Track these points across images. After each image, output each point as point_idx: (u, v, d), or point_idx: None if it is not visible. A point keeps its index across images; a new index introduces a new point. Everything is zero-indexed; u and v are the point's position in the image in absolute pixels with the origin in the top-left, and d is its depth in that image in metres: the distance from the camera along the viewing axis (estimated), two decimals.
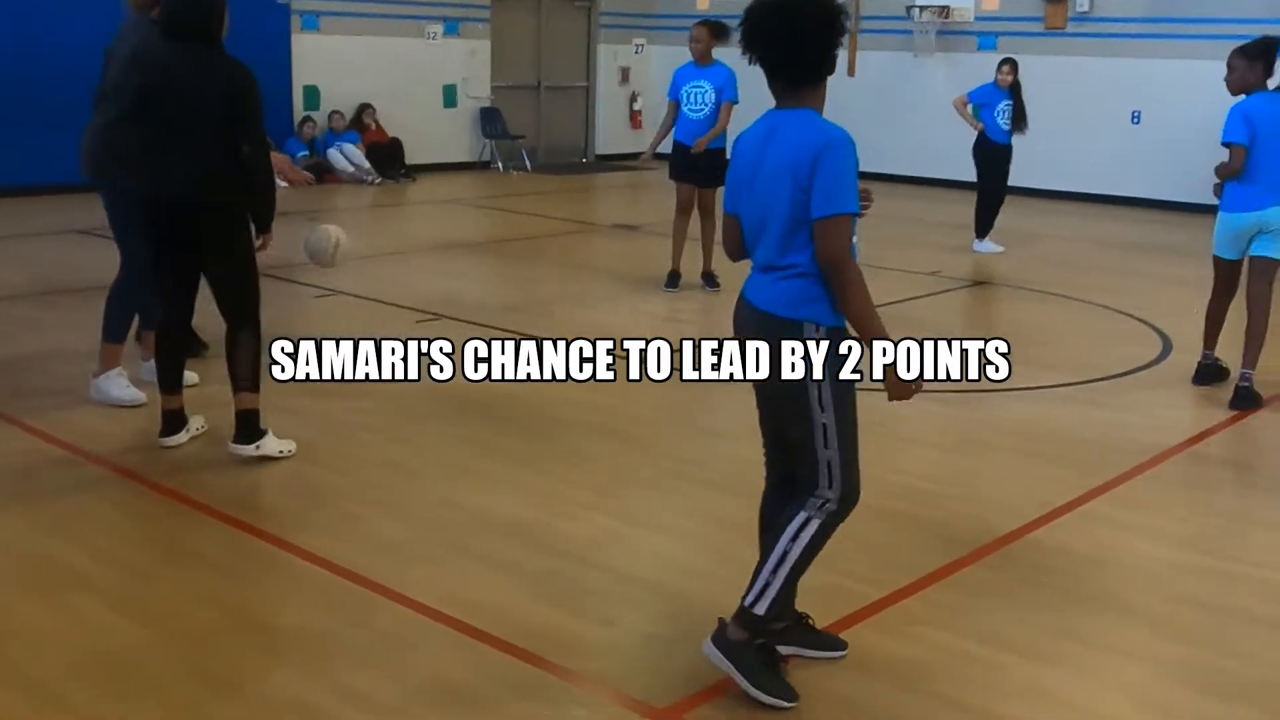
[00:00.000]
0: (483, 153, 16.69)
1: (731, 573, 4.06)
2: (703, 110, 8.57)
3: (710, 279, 8.90)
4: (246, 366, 5.06)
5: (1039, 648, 3.68)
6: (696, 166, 8.65)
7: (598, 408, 6.00)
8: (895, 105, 16.24)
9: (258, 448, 5.03)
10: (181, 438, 5.19)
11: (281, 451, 5.08)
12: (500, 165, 16.48)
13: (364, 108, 15.04)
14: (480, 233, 12.12)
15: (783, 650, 3.44)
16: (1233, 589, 4.14)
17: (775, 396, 3.26)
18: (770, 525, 3.42)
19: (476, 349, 6.98)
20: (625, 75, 18.59)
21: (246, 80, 4.89)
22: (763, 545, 3.41)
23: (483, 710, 3.25)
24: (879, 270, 9.78)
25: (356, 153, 14.65)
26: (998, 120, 10.76)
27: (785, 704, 3.23)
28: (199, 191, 4.88)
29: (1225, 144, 6.22)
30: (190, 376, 6.01)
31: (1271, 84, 6.28)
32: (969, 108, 10.93)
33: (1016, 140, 10.91)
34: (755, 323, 3.23)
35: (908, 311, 8.52)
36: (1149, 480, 5.16)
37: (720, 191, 8.63)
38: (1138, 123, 14.56)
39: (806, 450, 3.20)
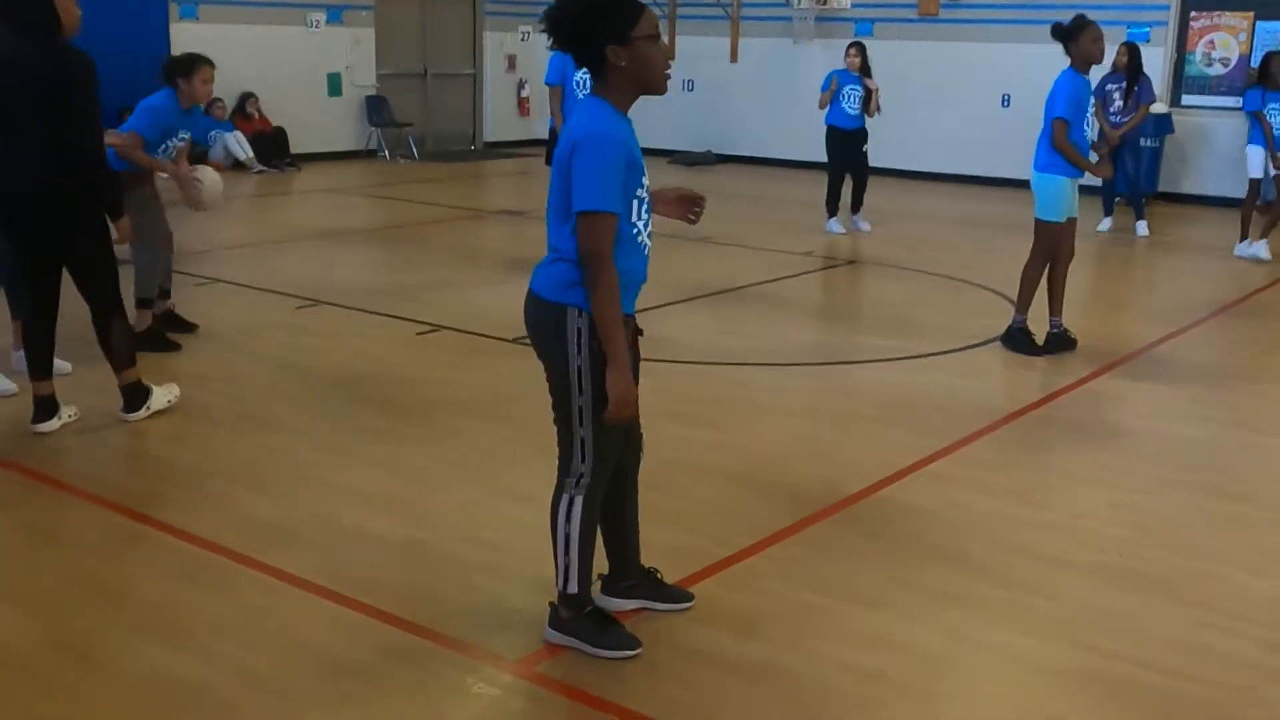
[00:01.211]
0: (369, 141, 16.67)
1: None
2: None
3: None
4: (122, 349, 5.32)
5: (874, 595, 3.94)
6: None
7: (463, 385, 6.16)
8: (776, 91, 16.57)
9: (148, 408, 5.38)
10: (53, 424, 5.26)
11: (169, 400, 5.46)
12: (387, 154, 16.48)
13: (246, 97, 14.94)
14: (366, 221, 12.17)
15: (630, 604, 3.66)
16: (1053, 538, 4.46)
17: (548, 376, 3.39)
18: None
19: (350, 332, 7.12)
20: (512, 63, 18.67)
21: (79, 66, 4.84)
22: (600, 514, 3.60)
23: (353, 674, 3.40)
24: (757, 251, 10.08)
25: (244, 141, 14.57)
26: (843, 104, 11.09)
27: (629, 652, 3.46)
28: (40, 183, 4.89)
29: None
30: (62, 365, 6.06)
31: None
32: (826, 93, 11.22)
33: (891, 123, 11.24)
34: (528, 303, 3.35)
35: (780, 290, 8.80)
36: (990, 441, 5.49)
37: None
38: (1007, 106, 15.06)
39: (563, 429, 3.40)
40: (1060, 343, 7.03)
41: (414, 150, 16.72)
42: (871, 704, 3.32)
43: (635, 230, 3.27)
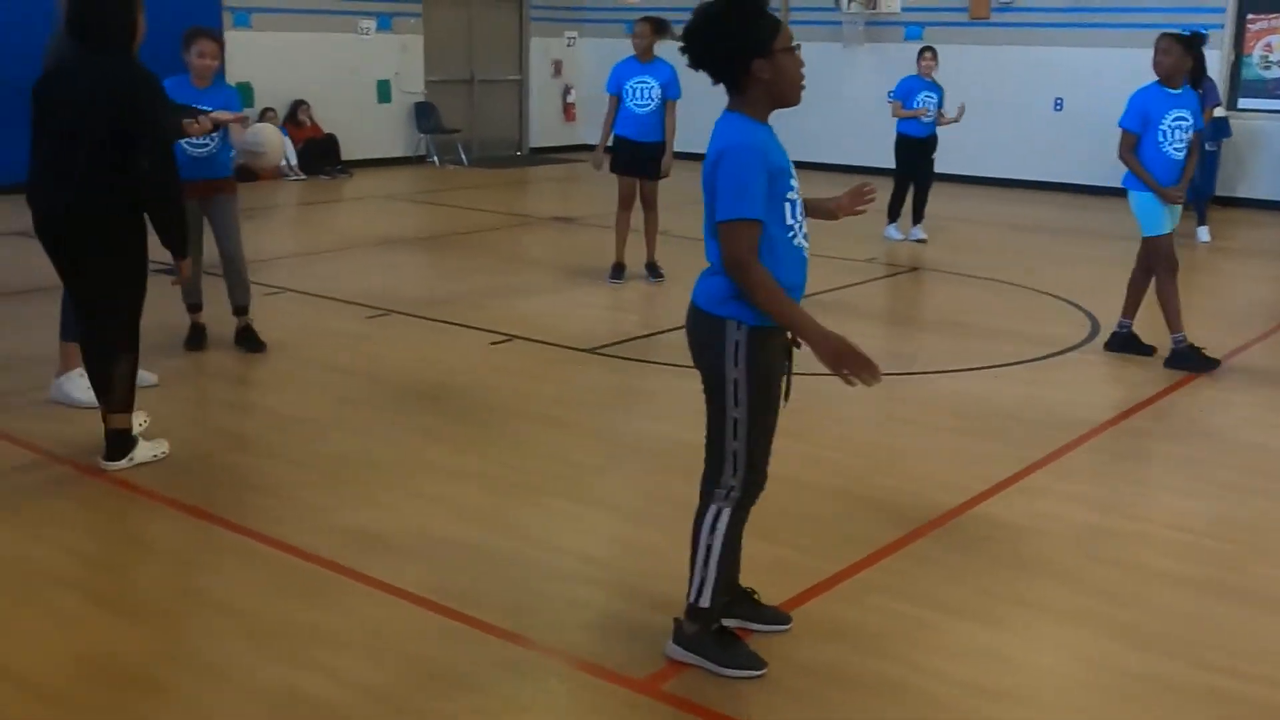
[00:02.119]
0: (418, 147, 16.72)
1: (685, 549, 4.27)
2: (648, 105, 8.74)
3: (654, 270, 9.08)
4: (120, 391, 4.94)
5: (980, 610, 3.91)
6: (639, 159, 8.81)
7: (541, 396, 6.15)
8: (824, 95, 16.49)
9: (131, 459, 4.97)
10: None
11: (155, 455, 5.03)
12: (436, 160, 16.54)
13: (298, 104, 15.01)
14: (421, 227, 12.20)
15: (727, 623, 3.62)
16: (1151, 550, 4.42)
17: (704, 387, 3.40)
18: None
19: (422, 341, 7.14)
20: (558, 68, 18.70)
21: (142, 87, 4.64)
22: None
23: (467, 687, 3.40)
24: (816, 258, 10.00)
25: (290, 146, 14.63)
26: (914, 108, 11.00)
27: (755, 673, 3.42)
28: (80, 205, 4.68)
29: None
30: (147, 377, 6.10)
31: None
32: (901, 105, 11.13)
33: (942, 128, 11.14)
34: (689, 314, 3.39)
35: (844, 298, 8.76)
36: (1081, 454, 5.43)
37: (662, 184, 8.92)
38: (1060, 110, 14.96)
39: (715, 441, 3.38)
40: (1125, 344, 7.01)
41: (462, 156, 16.76)
42: None
43: (790, 233, 3.28)
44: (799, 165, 3.57)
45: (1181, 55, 6.57)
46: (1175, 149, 6.60)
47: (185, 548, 4.29)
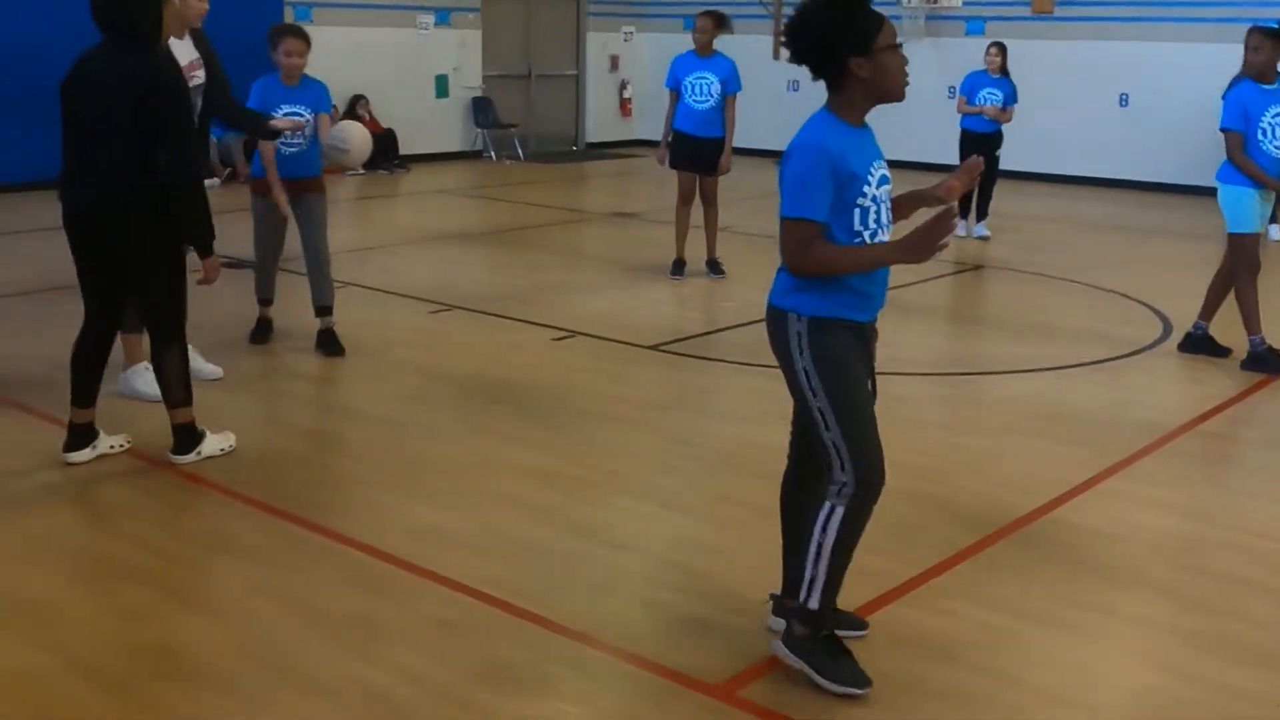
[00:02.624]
0: (475, 142, 16.75)
1: (756, 552, 4.22)
2: (708, 101, 8.67)
3: (715, 266, 9.01)
4: (174, 387, 4.92)
5: (1062, 619, 3.82)
6: (698, 155, 8.75)
7: (606, 393, 6.11)
8: None
9: (199, 453, 4.96)
10: (86, 454, 4.92)
11: (223, 449, 5.03)
12: (493, 154, 16.56)
13: (357, 99, 15.08)
14: (480, 223, 12.20)
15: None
16: (1240, 559, 4.29)
17: (786, 382, 3.39)
18: (788, 508, 3.57)
19: (485, 337, 7.12)
20: (614, 63, 18.66)
21: (160, 83, 4.55)
22: (783, 528, 3.57)
23: (535, 687, 3.36)
24: None
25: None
26: (978, 105, 10.84)
27: (858, 690, 3.31)
28: (102, 203, 4.64)
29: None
30: (214, 370, 6.13)
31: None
32: (965, 101, 10.97)
33: (1005, 124, 10.97)
34: (766, 309, 3.39)
35: (908, 295, 8.64)
36: (1160, 457, 5.31)
37: (723, 180, 8.86)
38: (1126, 106, 14.72)
39: (814, 436, 3.33)
40: (1199, 345, 6.86)
41: (519, 151, 16.77)
42: None
43: (859, 240, 3.21)
44: None
45: (1272, 50, 6.42)
46: (1276, 146, 6.43)
47: (255, 542, 4.28)
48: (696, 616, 3.81)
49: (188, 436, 4.97)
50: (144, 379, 5.79)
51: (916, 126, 16.06)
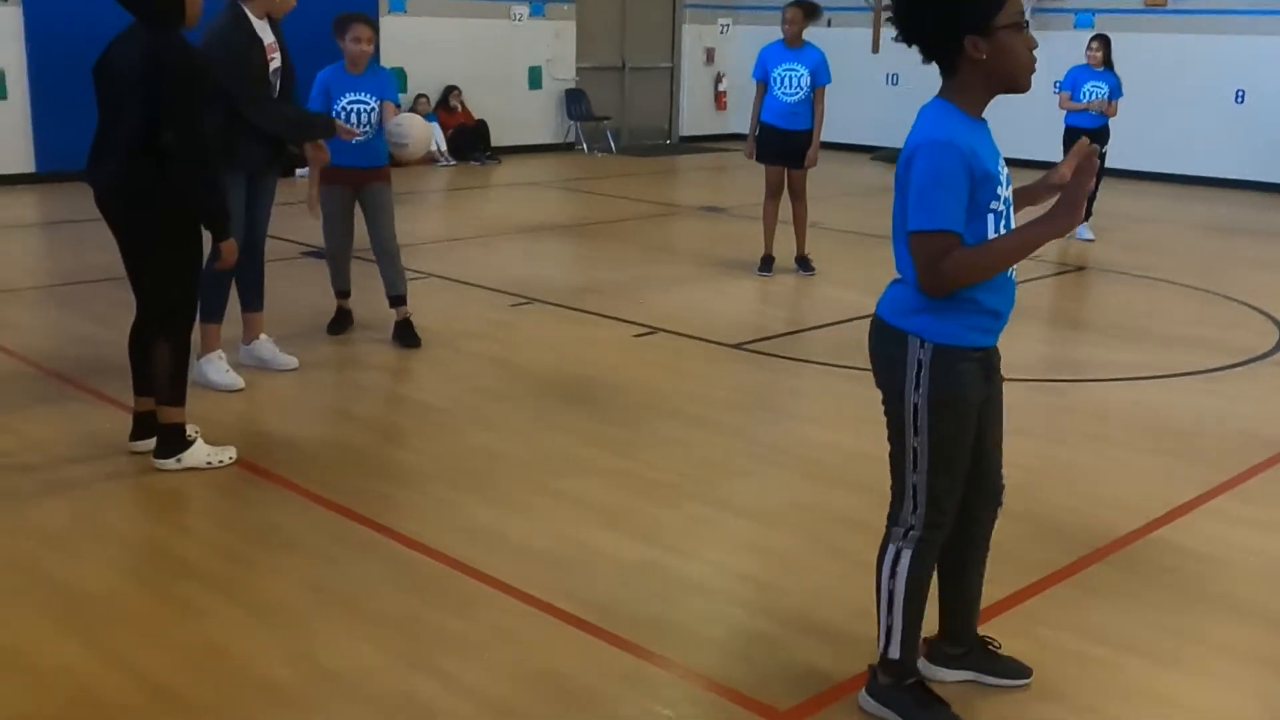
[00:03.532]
0: (567, 134, 16.64)
1: (833, 567, 4.00)
2: (797, 94, 8.41)
3: (804, 263, 8.76)
4: (164, 380, 4.67)
5: (1163, 650, 3.53)
6: (786, 148, 8.50)
7: (684, 392, 5.90)
8: None
9: (179, 460, 4.66)
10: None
11: (211, 462, 4.69)
12: (585, 147, 16.43)
13: (450, 90, 15.05)
14: (569, 215, 12.06)
15: (957, 676, 3.28)
16: None
17: (885, 408, 3.06)
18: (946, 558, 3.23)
19: (564, 332, 6.96)
20: (710, 56, 18.43)
21: (170, 61, 4.41)
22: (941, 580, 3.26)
23: (596, 705, 3.18)
24: None
25: (439, 132, 14.67)
26: (1082, 101, 10.42)
27: None
28: (109, 179, 4.54)
29: None
30: (289, 360, 6.06)
31: None
32: (1068, 96, 10.56)
33: (1113, 120, 10.53)
34: (873, 324, 3.04)
35: None
36: (1271, 476, 4.95)
37: (812, 173, 8.60)
38: (1241, 103, 14.10)
39: (895, 471, 3.03)
40: None
41: (611, 144, 16.62)
42: None
43: None
44: None
45: None
46: None
47: (314, 540, 4.15)
48: (764, 635, 3.59)
49: (170, 439, 4.69)
50: (217, 368, 5.72)
51: (1020, 121, 15.63)
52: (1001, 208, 2.84)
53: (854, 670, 3.35)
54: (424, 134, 6.41)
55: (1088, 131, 10.31)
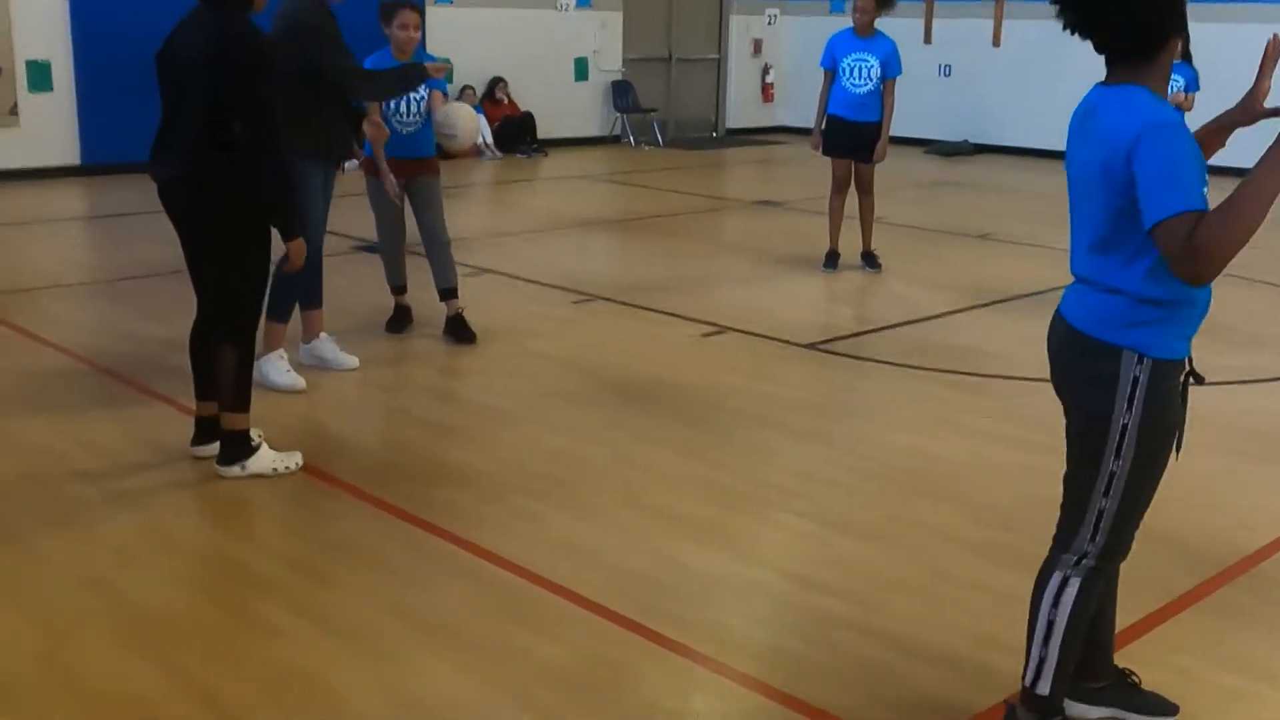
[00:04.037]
0: (613, 127, 16.39)
1: (941, 588, 3.75)
2: (866, 85, 8.13)
3: (870, 259, 8.48)
4: (228, 385, 4.44)
5: None
6: (855, 141, 8.22)
7: (760, 395, 5.65)
8: (1042, 76, 15.53)
9: (243, 467, 4.45)
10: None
11: (277, 469, 4.48)
12: (632, 139, 16.17)
13: (496, 81, 14.82)
14: (620, 209, 11.81)
15: (1098, 712, 3.03)
16: None
17: (1071, 426, 2.79)
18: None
19: (630, 330, 6.72)
20: (757, 47, 18.12)
21: (239, 46, 4.20)
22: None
23: None
24: (1047, 250, 9.28)
25: (485, 125, 14.44)
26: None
27: None
28: (173, 172, 4.31)
29: None
30: (349, 360, 5.85)
31: None
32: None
33: (1190, 112, 10.18)
34: (1062, 336, 2.74)
35: None
36: None
37: (892, 168, 8.28)
38: None
39: (1077, 495, 2.76)
40: None
41: (658, 136, 16.36)
42: None
43: None
44: (1006, 151, 2.96)
45: None
46: None
47: (393, 555, 3.92)
48: (877, 662, 3.34)
49: (234, 445, 4.48)
50: (277, 368, 5.51)
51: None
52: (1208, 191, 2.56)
53: (975, 703, 3.11)
54: (472, 124, 6.19)
55: None
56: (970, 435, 5.14)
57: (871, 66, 8.10)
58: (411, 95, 6.03)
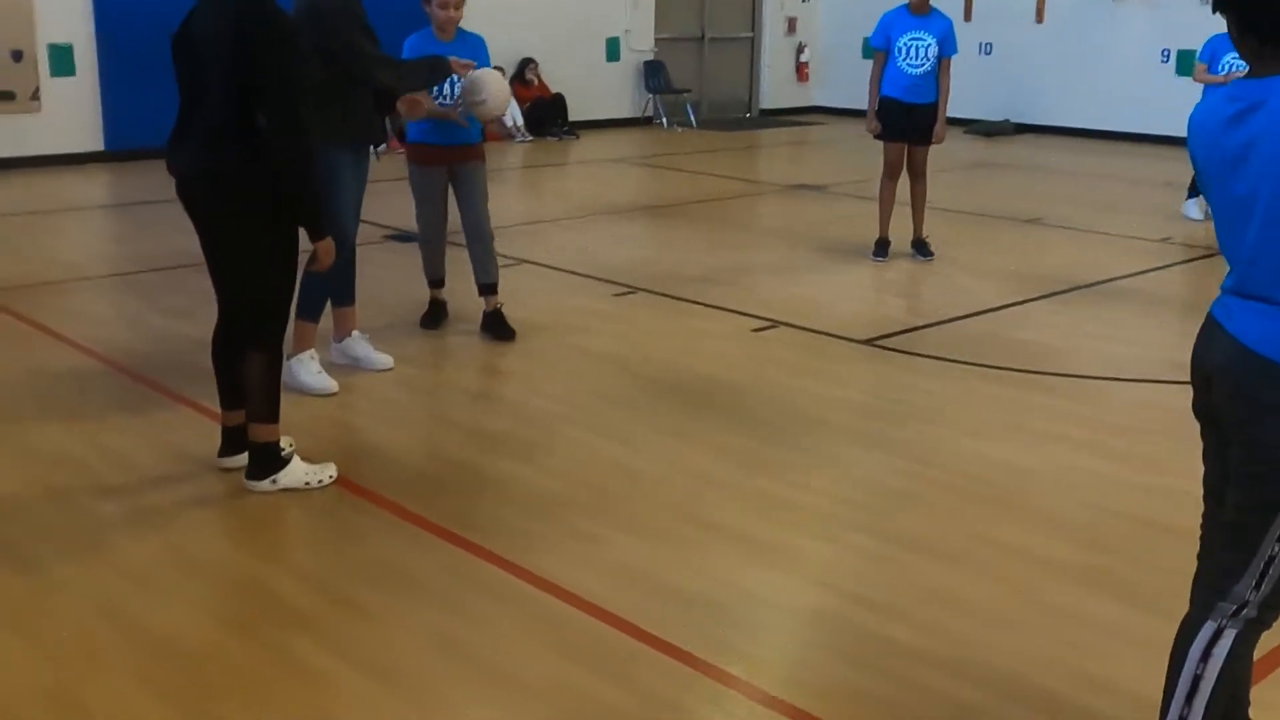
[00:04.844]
0: (645, 108, 16.03)
1: (1044, 623, 3.42)
2: (923, 65, 7.75)
3: (922, 247, 8.12)
4: (256, 394, 4.13)
5: None
6: (910, 123, 7.85)
7: (820, 396, 5.33)
8: (1085, 53, 15.11)
9: (274, 481, 4.15)
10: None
11: (309, 483, 4.18)
12: (664, 121, 15.81)
13: (526, 62, 14.47)
14: (654, 194, 11.47)
15: None
16: None
17: (1234, 461, 2.45)
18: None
19: (676, 325, 6.39)
20: (792, 25, 17.70)
21: (258, 22, 3.87)
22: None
23: None
24: (1102, 236, 8.90)
25: (515, 107, 14.10)
26: (1220, 74, 9.64)
27: None
28: (193, 165, 3.99)
29: None
30: (384, 359, 5.56)
31: None
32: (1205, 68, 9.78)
33: None
34: (1236, 361, 2.39)
35: (1151, 285, 7.63)
36: None
37: (952, 151, 7.92)
38: None
39: (1242, 538, 2.41)
40: None
41: (691, 117, 15.99)
42: None
43: None
44: (1049, 131, 2.66)
45: None
46: None
47: (437, 582, 3.61)
48: (977, 708, 3.02)
49: (263, 459, 4.17)
50: (308, 369, 5.21)
51: (1126, 93, 14.84)
52: None
53: None
54: (502, 90, 5.72)
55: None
56: (1046, 441, 4.80)
57: (929, 45, 7.73)
58: (454, 76, 5.70)
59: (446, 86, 5.76)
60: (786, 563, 3.77)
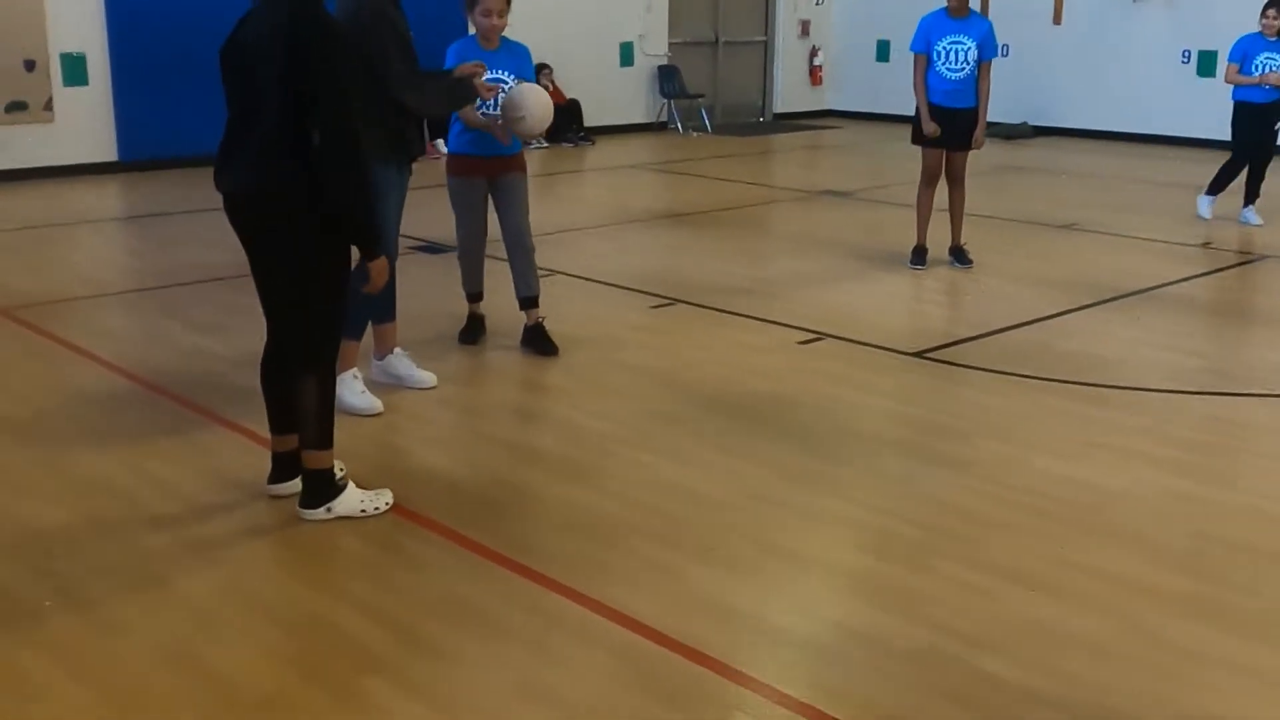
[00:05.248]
0: (660, 113, 15.86)
1: (1159, 659, 3.26)
2: (963, 70, 7.60)
3: (960, 255, 7.95)
4: (309, 419, 3.95)
5: None
6: (950, 129, 7.69)
7: (876, 411, 5.16)
8: (1104, 55, 14.96)
9: (329, 510, 3.98)
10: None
11: (365, 510, 4.02)
12: (679, 126, 15.64)
13: (541, 68, 14.27)
14: (678, 201, 11.28)
15: None
16: None
17: None
18: None
19: (720, 338, 6.22)
20: (805, 29, 17.54)
21: (311, 28, 3.71)
22: None
23: None
24: (1140, 241, 8.73)
25: None
26: (1255, 75, 9.48)
27: None
28: (244, 183, 3.83)
29: None
30: (425, 377, 5.39)
31: None
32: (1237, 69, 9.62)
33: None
34: None
35: (1198, 291, 7.47)
36: None
37: (971, 155, 7.80)
38: None
39: None
40: None
41: (706, 122, 15.82)
42: None
43: None
44: (1067, 133, 2.55)
45: None
46: None
47: (504, 616, 3.43)
48: None
49: (318, 486, 4.01)
50: (352, 389, 5.04)
51: (1146, 95, 14.67)
52: None
53: None
54: (541, 105, 5.46)
55: (1259, 107, 9.40)
56: (1125, 459, 4.63)
57: (968, 49, 7.58)
58: (500, 85, 5.52)
59: (495, 100, 5.59)
60: (877, 597, 3.59)
